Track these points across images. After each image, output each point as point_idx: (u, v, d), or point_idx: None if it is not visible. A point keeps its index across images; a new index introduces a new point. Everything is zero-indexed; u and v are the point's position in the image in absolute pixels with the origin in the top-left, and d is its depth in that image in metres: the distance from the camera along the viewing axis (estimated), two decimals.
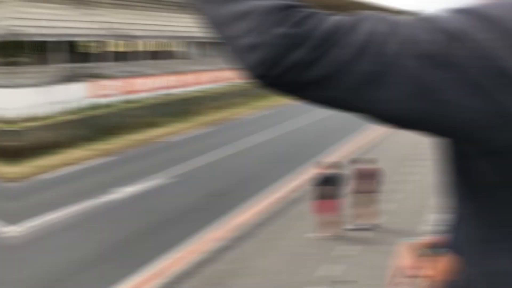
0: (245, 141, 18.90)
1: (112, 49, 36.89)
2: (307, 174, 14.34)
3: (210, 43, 37.60)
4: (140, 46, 30.57)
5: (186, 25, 35.67)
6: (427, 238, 1.24)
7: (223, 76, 33.12)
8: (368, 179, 10.07)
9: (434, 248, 1.14)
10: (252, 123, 23.25)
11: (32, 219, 10.84)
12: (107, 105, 23.04)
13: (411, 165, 15.14)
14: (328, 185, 9.65)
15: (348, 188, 10.13)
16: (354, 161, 10.74)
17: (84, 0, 31.05)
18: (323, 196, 9.57)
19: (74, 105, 22.19)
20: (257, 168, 15.24)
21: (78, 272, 8.56)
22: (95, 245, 9.63)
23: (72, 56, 33.12)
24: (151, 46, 38.25)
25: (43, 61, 27.07)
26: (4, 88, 20.28)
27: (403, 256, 1.19)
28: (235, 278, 8.25)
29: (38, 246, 9.70)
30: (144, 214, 11.27)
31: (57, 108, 19.43)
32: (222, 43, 0.67)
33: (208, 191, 12.92)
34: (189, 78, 31.18)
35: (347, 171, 10.44)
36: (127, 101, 24.40)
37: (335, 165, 10.35)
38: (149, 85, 27.62)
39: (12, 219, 10.75)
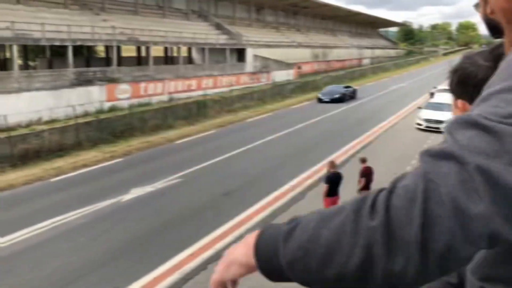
0: (249, 142, 19.32)
1: (126, 54, 37.68)
2: (309, 173, 14.86)
3: (219, 50, 38.16)
4: (152, 52, 31.14)
5: (195, 31, 36.27)
6: None
7: (229, 81, 33.66)
8: (370, 177, 10.85)
9: None
10: (255, 126, 23.63)
11: (45, 220, 11.01)
12: (120, 108, 23.63)
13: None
14: (336, 182, 10.31)
15: (357, 185, 10.95)
16: (362, 160, 11.21)
17: (99, 7, 31.77)
18: (333, 193, 10.21)
19: (88, 108, 22.82)
20: (262, 168, 15.67)
21: (93, 270, 8.79)
22: (109, 245, 9.87)
23: (88, 60, 33.94)
24: (162, 52, 38.92)
25: (59, 65, 27.78)
26: (22, 92, 20.93)
27: None
28: None
29: (51, 246, 9.91)
30: (155, 214, 11.59)
31: (72, 111, 19.96)
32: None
33: (216, 190, 13.29)
34: (199, 82, 31.71)
35: (357, 169, 11.12)
36: (139, 105, 25.00)
37: (336, 164, 10.93)
38: (161, 89, 28.22)
39: (26, 221, 11.02)
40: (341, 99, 31.61)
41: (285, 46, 49.58)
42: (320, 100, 31.85)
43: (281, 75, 40.69)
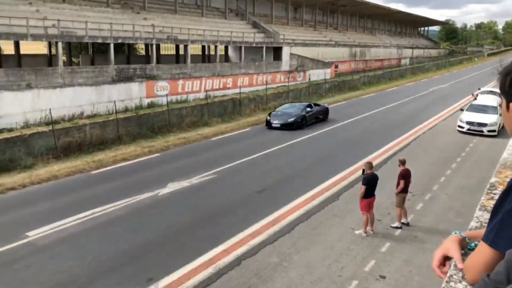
0: (283, 141, 19.28)
1: (165, 52, 38.44)
2: (345, 173, 14.65)
3: (256, 48, 38.26)
4: (190, 50, 31.62)
5: (233, 30, 36.51)
6: (471, 233, 1.42)
7: (265, 79, 33.67)
8: (408, 179, 10.64)
9: (473, 242, 1.33)
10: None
11: (86, 211, 11.41)
12: (158, 105, 24.16)
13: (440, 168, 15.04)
14: (373, 184, 10.16)
15: (396, 188, 10.63)
16: (402, 162, 10.90)
17: (140, 6, 32.58)
18: (370, 195, 10.09)
19: (128, 103, 23.46)
20: (296, 167, 15.56)
21: (129, 261, 9.04)
22: (145, 237, 10.09)
23: (128, 57, 34.92)
24: (200, 50, 39.43)
25: (101, 62, 28.71)
26: (65, 87, 21.77)
27: (452, 249, 1.33)
28: (276, 271, 8.62)
29: (91, 235, 10.23)
30: (190, 209, 11.76)
31: (113, 106, 20.55)
32: None
33: (250, 188, 13.32)
34: (235, 80, 31.91)
35: (397, 171, 10.85)
36: (177, 102, 25.48)
37: (372, 165, 10.72)
38: (198, 87, 28.63)
39: (68, 211, 11.52)
40: (297, 124, 21.92)
41: (322, 45, 49.10)
42: (269, 125, 22.17)
43: (317, 74, 40.33)
